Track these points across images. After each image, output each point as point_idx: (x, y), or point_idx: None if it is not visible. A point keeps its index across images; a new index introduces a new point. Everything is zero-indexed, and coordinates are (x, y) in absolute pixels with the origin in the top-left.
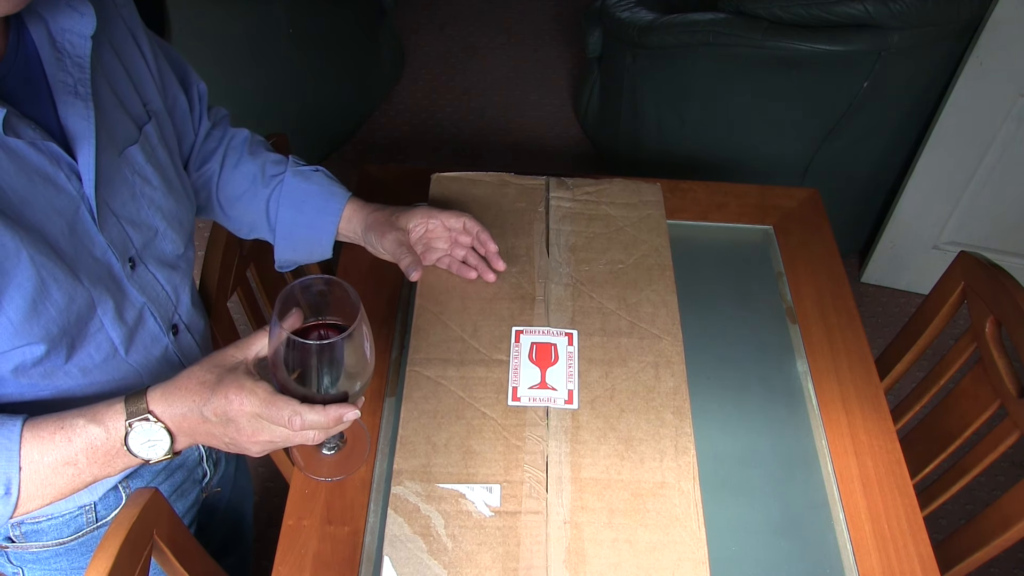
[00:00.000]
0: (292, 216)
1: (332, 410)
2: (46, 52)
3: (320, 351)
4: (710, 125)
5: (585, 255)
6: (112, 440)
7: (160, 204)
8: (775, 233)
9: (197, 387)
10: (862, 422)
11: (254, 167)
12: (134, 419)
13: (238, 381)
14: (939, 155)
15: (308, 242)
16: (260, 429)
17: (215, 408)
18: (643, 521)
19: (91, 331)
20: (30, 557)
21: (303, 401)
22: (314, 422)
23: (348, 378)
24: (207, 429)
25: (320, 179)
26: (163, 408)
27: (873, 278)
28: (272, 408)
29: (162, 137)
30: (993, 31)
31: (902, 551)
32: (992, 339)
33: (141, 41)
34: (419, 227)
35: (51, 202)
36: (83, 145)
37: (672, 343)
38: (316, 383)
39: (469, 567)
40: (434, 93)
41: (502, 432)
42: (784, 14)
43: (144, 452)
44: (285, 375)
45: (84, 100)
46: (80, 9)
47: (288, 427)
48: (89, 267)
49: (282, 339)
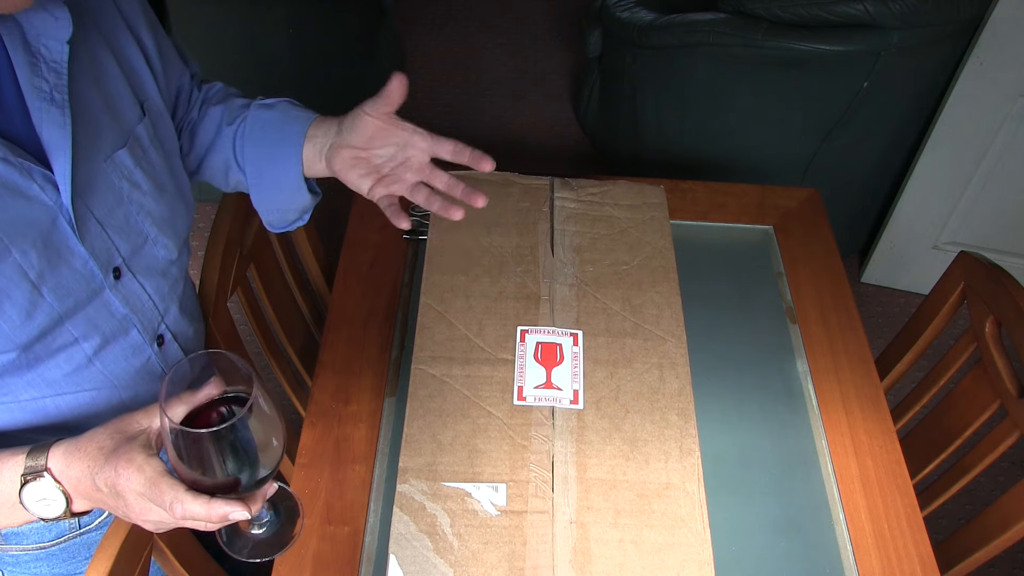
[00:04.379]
0: (256, 151)
1: (217, 506)
2: (20, 58)
3: (208, 438)
4: (710, 125)
5: (590, 256)
6: (7, 492)
7: (150, 209)
8: (775, 233)
9: (95, 452)
10: (862, 422)
11: (219, 109)
12: (30, 474)
13: (129, 454)
14: (939, 155)
15: (276, 178)
16: (147, 508)
17: (105, 479)
18: (648, 522)
19: (59, 344)
20: (10, 560)
21: (193, 485)
22: (195, 514)
23: (246, 465)
24: (100, 498)
25: (283, 107)
26: (61, 467)
27: (873, 278)
28: (155, 490)
29: (156, 136)
30: (993, 31)
31: (902, 551)
32: (992, 339)
33: (141, 34)
34: (390, 145)
35: (21, 214)
36: (59, 154)
37: (676, 345)
38: (206, 469)
39: (475, 566)
40: (434, 93)
41: (507, 431)
42: (784, 14)
43: (38, 509)
44: (175, 457)
45: (61, 107)
46: (55, 13)
47: (169, 513)
48: (62, 280)
49: (165, 425)
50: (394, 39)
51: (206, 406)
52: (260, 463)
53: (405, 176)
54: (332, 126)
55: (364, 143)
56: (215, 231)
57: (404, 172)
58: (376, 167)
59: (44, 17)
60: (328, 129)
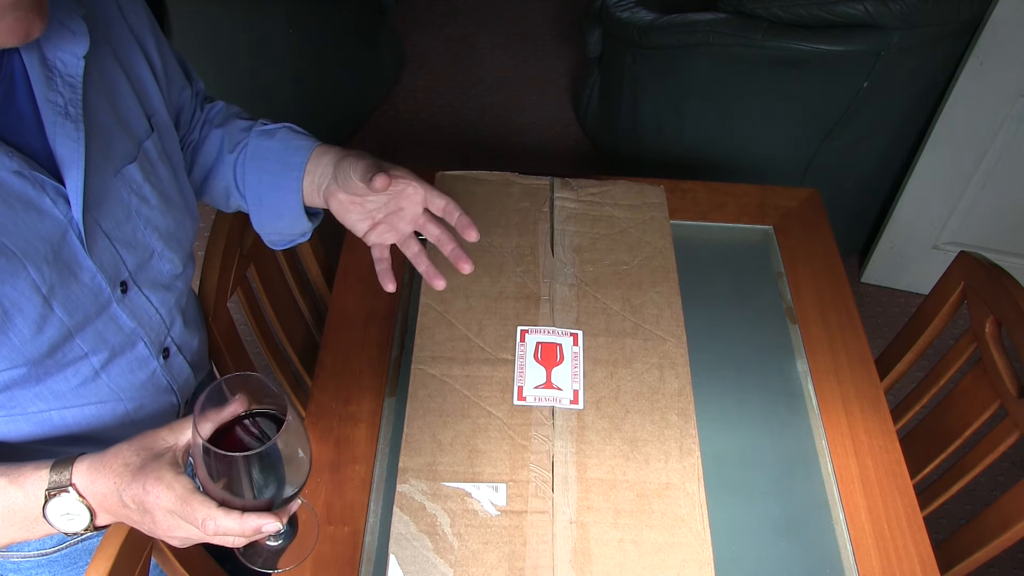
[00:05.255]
0: (257, 178)
1: (250, 520)
2: (36, 72)
3: (241, 461)
4: (710, 125)
5: (590, 256)
6: (30, 506)
7: (157, 224)
8: (775, 233)
9: (121, 468)
10: (862, 422)
11: (220, 133)
12: (55, 489)
13: (158, 472)
14: (939, 155)
15: (277, 207)
16: (176, 525)
17: (133, 495)
18: (648, 522)
19: (68, 358)
20: (11, 567)
21: (223, 503)
22: (229, 529)
23: (276, 485)
24: (126, 514)
25: (284, 135)
26: (86, 483)
27: (873, 278)
28: (187, 508)
29: (163, 151)
30: (993, 31)
31: (902, 551)
32: (992, 339)
33: (149, 48)
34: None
35: (33, 228)
36: (72, 168)
37: (676, 345)
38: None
39: (475, 566)
40: (434, 93)
41: (507, 431)
42: (784, 14)
43: (61, 524)
44: (205, 475)
45: (75, 121)
46: (73, 28)
47: (201, 530)
48: (72, 294)
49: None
50: (394, 39)
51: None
52: (290, 481)
53: (399, 225)
54: (329, 165)
55: (356, 192)
56: (215, 231)
57: (398, 221)
58: (370, 212)
59: (61, 31)
60: (327, 167)
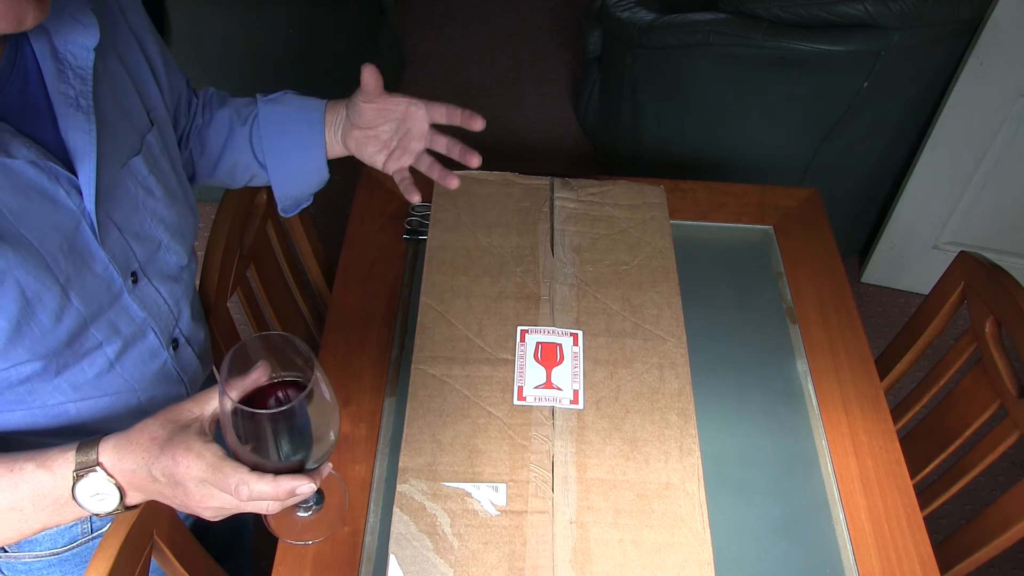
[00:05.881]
0: (278, 143)
1: (284, 482)
2: (48, 65)
3: (270, 420)
4: (710, 125)
5: (590, 256)
6: (59, 489)
7: (163, 215)
8: (775, 233)
9: (148, 443)
10: (862, 422)
11: (227, 112)
12: (82, 469)
13: (187, 442)
14: (939, 155)
15: (302, 165)
16: (208, 495)
17: (163, 468)
18: (648, 522)
19: (85, 348)
20: (23, 568)
21: (255, 468)
22: (263, 493)
23: (306, 446)
24: (157, 488)
25: (291, 98)
26: (113, 461)
27: (873, 278)
28: (219, 475)
29: (164, 145)
30: (993, 31)
31: (902, 551)
32: (992, 339)
33: (147, 45)
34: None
35: (49, 219)
36: (84, 159)
37: (676, 345)
38: (268, 451)
39: (475, 566)
40: (434, 93)
41: (507, 431)
42: (784, 14)
43: (92, 505)
44: (235, 440)
45: (86, 113)
46: (84, 21)
47: (235, 496)
48: (86, 284)
49: (227, 407)
50: (394, 39)
51: (258, 391)
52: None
53: (411, 146)
54: (340, 110)
55: (368, 123)
56: (215, 231)
57: (409, 142)
58: (385, 143)
59: (72, 24)
60: (338, 113)
